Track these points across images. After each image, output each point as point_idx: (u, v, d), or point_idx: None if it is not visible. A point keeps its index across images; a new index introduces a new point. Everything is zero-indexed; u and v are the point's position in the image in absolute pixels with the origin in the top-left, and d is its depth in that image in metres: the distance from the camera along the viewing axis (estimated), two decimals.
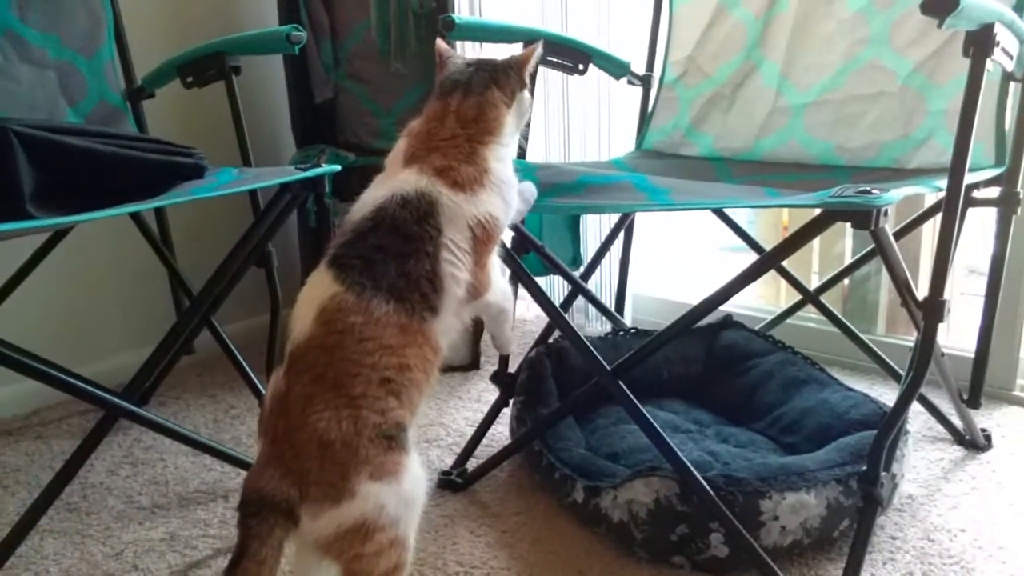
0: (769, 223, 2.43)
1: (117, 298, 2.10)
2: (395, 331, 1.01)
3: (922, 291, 1.25)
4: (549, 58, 1.73)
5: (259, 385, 1.67)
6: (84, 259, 2.02)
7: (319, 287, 1.03)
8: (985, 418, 1.76)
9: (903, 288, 1.25)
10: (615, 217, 2.06)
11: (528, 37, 1.69)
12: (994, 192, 1.56)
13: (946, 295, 1.24)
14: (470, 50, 2.20)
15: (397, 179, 1.09)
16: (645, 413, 1.30)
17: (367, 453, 0.98)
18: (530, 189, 1.33)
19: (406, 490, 1.00)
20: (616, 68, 1.84)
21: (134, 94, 1.85)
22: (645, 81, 1.94)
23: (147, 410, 1.55)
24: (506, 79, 1.19)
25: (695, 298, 1.29)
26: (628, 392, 1.33)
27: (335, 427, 0.97)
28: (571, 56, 1.75)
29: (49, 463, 1.68)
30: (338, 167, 1.54)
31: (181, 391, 2.00)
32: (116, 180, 1.42)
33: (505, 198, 1.14)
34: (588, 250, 2.32)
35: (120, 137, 1.51)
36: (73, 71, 1.75)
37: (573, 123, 2.29)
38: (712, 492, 1.24)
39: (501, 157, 1.15)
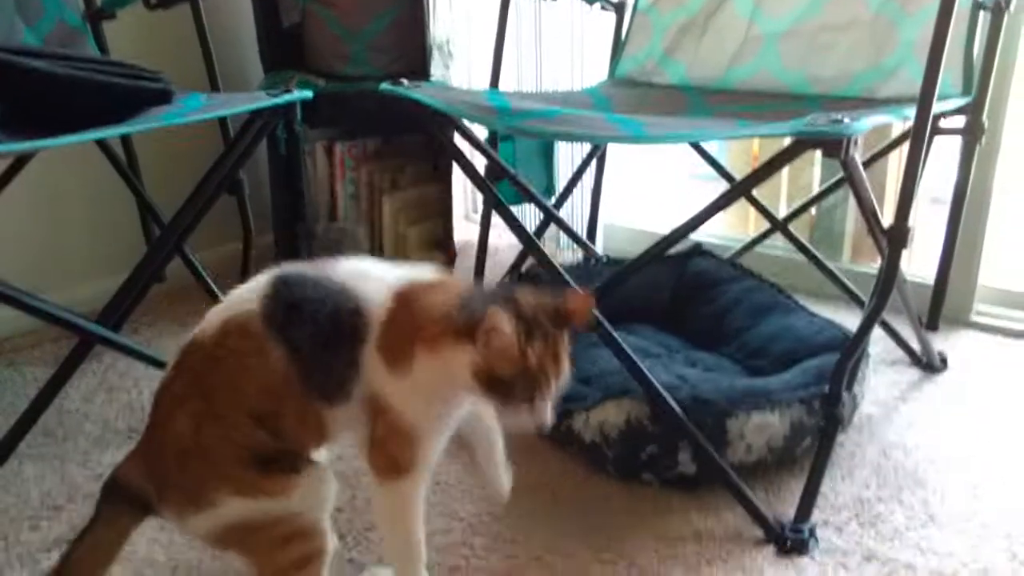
0: (739, 153, 2.44)
1: (84, 226, 2.07)
2: (281, 384, 0.94)
3: (887, 220, 1.28)
4: None
5: None
6: (49, 186, 1.98)
7: (249, 294, 0.97)
8: (942, 342, 1.83)
9: (870, 216, 1.29)
10: (588, 147, 2.07)
11: None
12: (960, 121, 1.59)
13: (910, 223, 1.27)
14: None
15: (378, 298, 0.96)
16: (617, 338, 1.33)
17: (229, 472, 0.94)
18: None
19: (296, 502, 0.97)
20: None
21: (94, 15, 1.79)
22: (619, 8, 1.93)
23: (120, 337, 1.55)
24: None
25: (666, 228, 1.31)
26: (601, 317, 1.35)
27: (192, 436, 0.94)
28: None
29: (23, 390, 1.68)
30: (310, 93, 1.52)
31: (153, 318, 1.99)
32: (79, 105, 1.39)
33: (426, 402, 0.96)
34: (561, 180, 2.32)
35: (82, 60, 1.47)
36: None
37: (545, 51, 2.27)
38: (681, 413, 1.28)
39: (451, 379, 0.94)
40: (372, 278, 0.99)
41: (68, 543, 1.00)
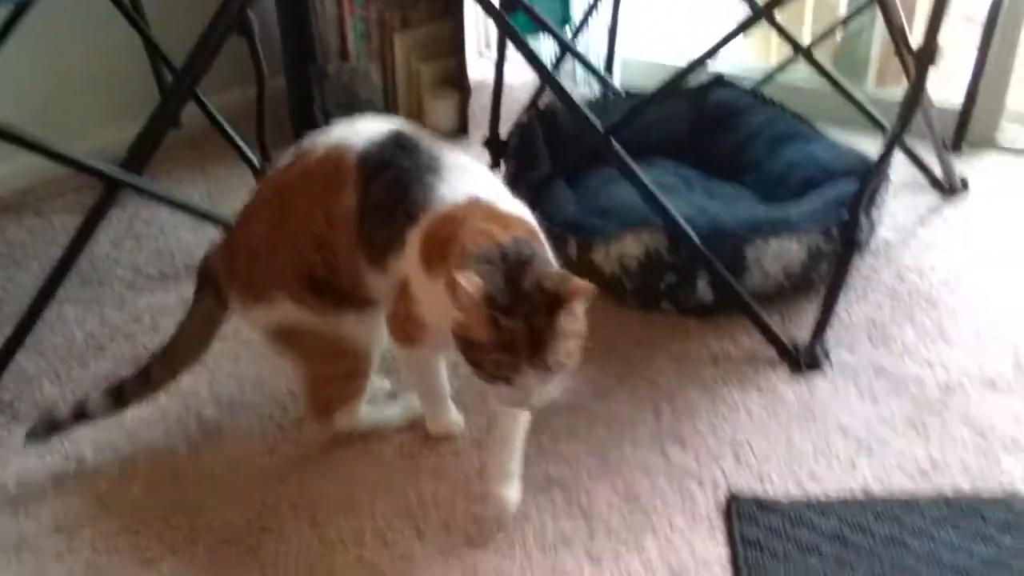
0: None
1: (90, 74, 2.03)
2: (344, 224, 0.98)
3: (916, 41, 1.25)
4: None
5: (251, 156, 1.68)
6: (52, 35, 1.93)
7: (365, 132, 1.00)
8: (965, 165, 1.81)
9: (898, 34, 1.25)
10: None
11: None
12: None
13: (940, 41, 1.23)
14: None
15: (449, 194, 0.95)
16: (635, 169, 1.33)
17: (287, 279, 1.01)
18: None
19: (345, 330, 1.04)
20: None
21: None
22: None
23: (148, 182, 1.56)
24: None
25: (686, 62, 1.27)
26: (620, 150, 1.34)
27: (263, 237, 1.02)
28: None
29: (53, 238, 1.71)
30: None
31: (172, 166, 1.99)
32: None
33: (438, 313, 0.91)
34: (577, 12, 2.24)
35: None
36: None
37: None
38: (699, 241, 1.29)
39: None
40: (462, 176, 0.98)
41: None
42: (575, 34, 2.00)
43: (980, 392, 1.21)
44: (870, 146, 1.60)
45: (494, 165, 1.77)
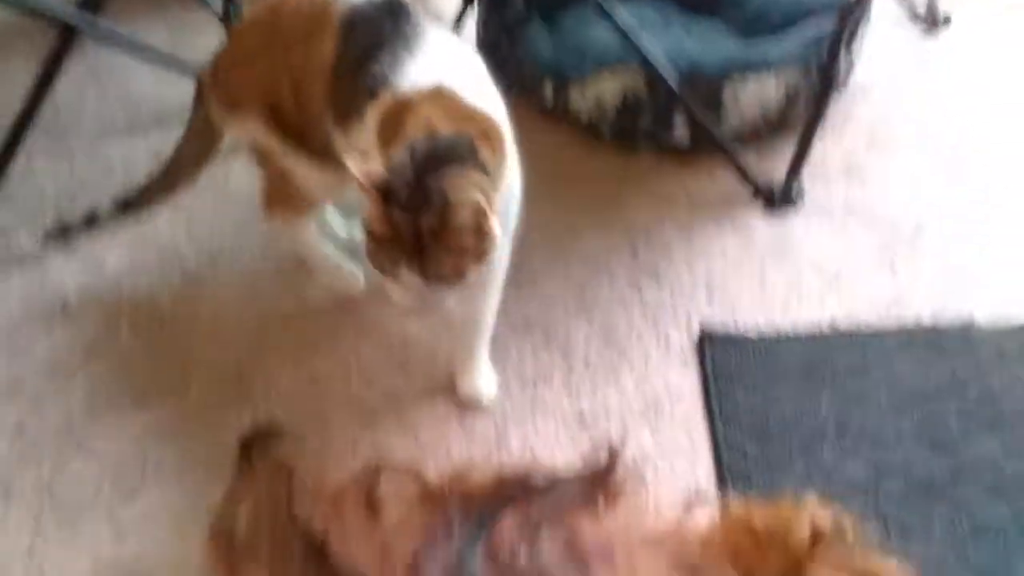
0: None
1: None
2: (318, 69, 0.96)
3: None
4: None
5: (212, 1, 1.61)
6: None
7: None
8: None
9: None
10: None
11: None
12: None
13: None
14: None
15: (414, 75, 0.91)
16: (614, 8, 1.29)
17: (256, 102, 1.01)
18: None
19: (298, 173, 1.04)
20: None
21: None
22: None
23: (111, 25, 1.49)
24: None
25: None
26: None
27: (246, 57, 1.02)
28: None
29: (14, 87, 1.64)
30: None
31: (127, 13, 1.89)
32: None
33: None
34: None
35: None
36: None
37: None
38: (676, 80, 1.28)
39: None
40: (438, 59, 0.94)
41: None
42: None
43: (951, 228, 1.24)
44: None
45: (466, 7, 1.70)
